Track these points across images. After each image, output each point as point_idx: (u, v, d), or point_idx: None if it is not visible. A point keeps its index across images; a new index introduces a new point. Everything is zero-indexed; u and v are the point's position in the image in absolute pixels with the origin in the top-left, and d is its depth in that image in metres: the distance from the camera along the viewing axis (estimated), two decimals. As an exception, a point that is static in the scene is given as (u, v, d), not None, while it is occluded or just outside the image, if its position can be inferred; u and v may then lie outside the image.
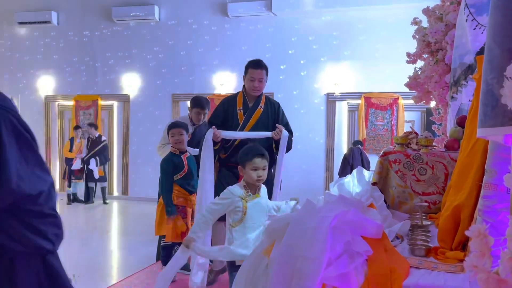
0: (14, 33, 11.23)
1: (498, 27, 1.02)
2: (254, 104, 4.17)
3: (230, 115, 4.16)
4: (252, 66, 4.11)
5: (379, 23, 8.80)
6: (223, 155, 4.19)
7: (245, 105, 4.17)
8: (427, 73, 4.05)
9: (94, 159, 9.63)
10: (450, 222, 1.87)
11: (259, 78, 4.08)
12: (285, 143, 4.02)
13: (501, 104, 0.98)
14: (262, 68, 4.10)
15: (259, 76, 4.08)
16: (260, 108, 4.17)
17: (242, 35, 9.63)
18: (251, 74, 4.09)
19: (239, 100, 4.20)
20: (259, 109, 4.16)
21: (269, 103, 4.25)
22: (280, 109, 4.30)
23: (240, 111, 4.15)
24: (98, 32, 10.61)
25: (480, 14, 2.73)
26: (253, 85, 4.08)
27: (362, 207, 2.03)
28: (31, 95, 11.14)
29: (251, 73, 4.09)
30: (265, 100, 4.25)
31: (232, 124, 4.13)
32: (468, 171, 1.91)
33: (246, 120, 4.12)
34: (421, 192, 2.60)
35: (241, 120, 4.13)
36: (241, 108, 4.16)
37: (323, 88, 9.30)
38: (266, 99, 4.28)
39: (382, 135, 9.05)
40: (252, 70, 4.09)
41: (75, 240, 6.59)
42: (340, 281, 1.46)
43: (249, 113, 4.14)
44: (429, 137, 2.78)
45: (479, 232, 0.84)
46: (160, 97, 10.25)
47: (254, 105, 4.16)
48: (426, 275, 1.56)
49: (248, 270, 1.72)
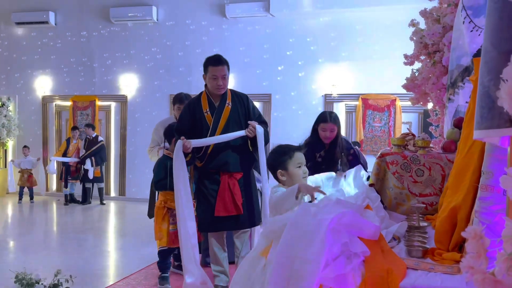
0: (11, 33, 11.21)
1: (495, 29, 1.03)
2: (221, 102, 3.85)
3: (198, 119, 3.85)
4: (212, 63, 3.78)
5: (377, 24, 8.81)
6: (200, 164, 3.92)
7: (211, 106, 3.86)
8: (424, 74, 4.06)
9: (89, 159, 9.62)
10: (447, 224, 1.88)
11: (222, 75, 3.76)
12: (262, 140, 3.78)
13: (497, 106, 0.98)
14: (223, 63, 3.79)
15: (221, 73, 3.76)
16: (228, 106, 3.85)
17: (240, 36, 9.64)
18: (212, 72, 3.76)
19: (203, 102, 3.89)
20: (227, 106, 3.85)
21: (236, 98, 3.92)
22: (249, 102, 3.97)
23: (207, 114, 3.84)
24: (95, 33, 10.60)
25: (477, 16, 2.74)
26: (217, 84, 3.76)
27: (359, 209, 2.04)
28: (28, 96, 11.12)
29: (212, 71, 3.76)
30: (231, 96, 3.92)
31: (202, 128, 3.84)
32: (465, 173, 1.91)
33: (216, 122, 3.82)
34: (418, 193, 2.60)
35: (211, 123, 3.82)
36: (208, 110, 3.85)
37: (321, 89, 9.31)
38: (232, 93, 3.95)
39: (380, 136, 9.06)
40: (213, 68, 3.77)
41: (72, 240, 6.58)
42: (337, 282, 1.46)
43: (217, 113, 3.83)
44: (426, 138, 2.79)
45: (475, 233, 0.84)
46: (158, 98, 10.24)
47: (220, 104, 3.85)
48: (423, 276, 1.57)
49: (246, 271, 1.72)
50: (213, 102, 3.86)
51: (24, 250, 6.06)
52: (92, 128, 9.84)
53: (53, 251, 6.06)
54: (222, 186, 3.82)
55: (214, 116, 3.82)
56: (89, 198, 9.95)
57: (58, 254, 5.92)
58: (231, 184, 3.83)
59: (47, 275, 3.57)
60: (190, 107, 3.92)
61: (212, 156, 3.82)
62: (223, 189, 3.82)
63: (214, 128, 3.81)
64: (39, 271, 3.59)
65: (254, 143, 3.84)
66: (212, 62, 3.79)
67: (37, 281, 3.35)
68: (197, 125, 3.85)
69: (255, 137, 3.79)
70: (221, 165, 3.84)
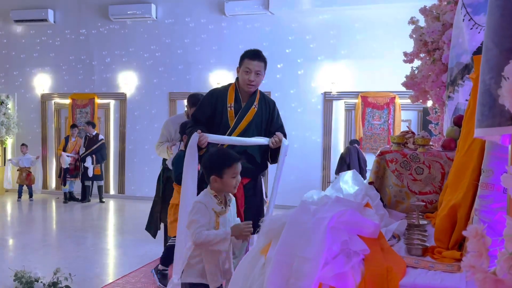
0: (10, 31, 11.19)
1: (496, 27, 1.02)
2: (248, 102, 3.52)
3: (219, 111, 3.50)
4: (249, 56, 3.45)
5: (376, 22, 8.81)
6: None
7: (237, 102, 3.51)
8: (424, 72, 4.06)
9: (90, 157, 9.61)
10: (447, 222, 1.87)
11: (256, 71, 3.43)
12: (285, 154, 3.47)
13: (498, 104, 0.98)
14: (260, 59, 3.47)
15: (256, 68, 3.43)
16: (254, 108, 3.52)
17: (239, 34, 9.62)
18: (247, 65, 3.43)
19: (230, 95, 3.53)
20: (253, 108, 3.52)
21: (263, 101, 3.61)
22: (275, 109, 3.69)
23: (231, 109, 3.50)
24: (94, 30, 10.58)
25: (477, 13, 2.73)
26: (248, 79, 3.41)
27: (359, 207, 2.03)
28: (27, 93, 11.11)
29: (247, 64, 3.43)
30: (259, 98, 3.59)
31: (221, 123, 3.50)
32: (465, 171, 1.91)
33: (238, 121, 3.47)
34: (417, 191, 2.60)
35: (231, 121, 3.48)
36: (233, 105, 3.50)
37: (320, 87, 9.31)
38: (261, 96, 3.64)
39: (379, 134, 9.06)
40: (248, 61, 3.43)
41: (71, 238, 6.58)
42: (337, 280, 1.46)
43: (241, 113, 3.49)
44: (426, 136, 2.79)
45: (476, 232, 0.84)
46: (157, 96, 10.23)
47: (248, 103, 3.52)
48: (423, 274, 1.57)
49: (245, 269, 1.72)
50: (240, 98, 3.51)
51: (23, 248, 6.05)
52: (92, 126, 9.82)
53: (52, 249, 6.06)
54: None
55: (238, 115, 3.47)
56: (89, 196, 9.95)
57: (57, 252, 5.91)
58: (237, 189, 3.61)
59: (46, 273, 3.57)
60: (214, 96, 3.56)
61: None
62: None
63: (235, 127, 3.45)
64: (38, 269, 3.59)
65: (274, 155, 3.54)
66: (249, 55, 3.46)
67: (36, 280, 3.35)
68: (215, 118, 3.51)
69: (277, 149, 3.47)
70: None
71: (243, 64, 3.46)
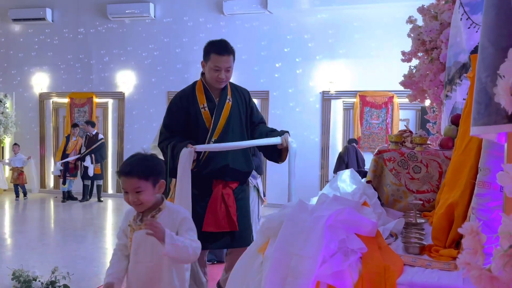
0: (8, 30, 11.17)
1: (492, 26, 1.03)
2: (221, 97, 3.17)
3: (193, 115, 3.16)
4: (217, 51, 3.07)
5: (375, 21, 8.81)
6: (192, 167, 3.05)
7: (210, 100, 3.15)
8: (422, 71, 4.06)
9: (89, 156, 9.60)
10: (444, 220, 1.88)
11: (226, 67, 3.07)
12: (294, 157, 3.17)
13: (494, 103, 0.98)
14: (229, 53, 3.10)
15: (226, 64, 3.06)
16: (229, 101, 3.18)
17: (237, 33, 9.62)
18: (215, 62, 3.05)
19: (199, 95, 3.17)
20: (227, 103, 3.18)
21: (236, 93, 3.27)
22: (251, 100, 3.34)
23: (205, 110, 3.13)
24: (93, 29, 10.57)
25: (474, 13, 2.73)
26: (219, 77, 3.06)
27: (357, 205, 2.04)
28: (25, 92, 11.10)
29: (216, 61, 3.05)
30: (231, 89, 3.25)
31: (198, 127, 3.15)
32: (462, 169, 1.91)
33: (216, 121, 3.13)
34: (415, 190, 2.60)
35: (209, 122, 3.12)
36: (205, 105, 3.14)
37: (318, 86, 9.31)
38: (232, 87, 3.29)
39: (377, 133, 9.07)
40: (216, 57, 3.05)
41: (69, 237, 6.57)
42: (335, 278, 1.46)
43: (217, 111, 3.13)
44: (423, 135, 2.79)
45: (472, 229, 0.85)
46: (155, 95, 10.22)
47: (221, 99, 3.17)
48: (420, 272, 1.57)
49: (243, 267, 1.72)
50: (212, 96, 3.17)
51: (21, 247, 6.05)
52: (91, 125, 9.81)
53: (50, 248, 6.06)
54: (215, 196, 3.13)
55: (214, 114, 3.13)
56: (87, 195, 9.94)
57: (55, 251, 5.91)
58: (226, 194, 3.16)
59: (44, 272, 3.57)
60: (183, 100, 3.20)
61: (209, 159, 3.12)
62: (215, 199, 3.12)
63: (214, 128, 3.13)
64: (36, 269, 3.59)
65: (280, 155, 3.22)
66: (216, 49, 3.08)
67: (34, 278, 3.35)
68: (190, 124, 3.17)
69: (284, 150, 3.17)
70: (218, 171, 3.14)
71: (210, 60, 3.09)
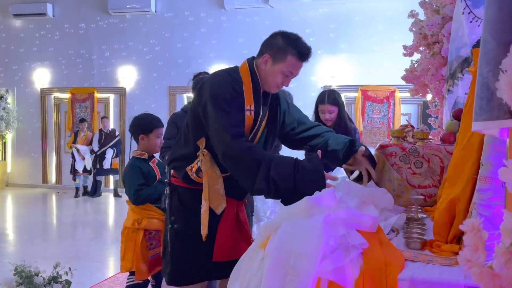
0: (9, 25, 11.16)
1: (494, 20, 1.02)
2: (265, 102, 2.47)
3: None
4: (299, 56, 2.38)
5: (376, 15, 8.78)
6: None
7: (257, 103, 2.39)
8: (423, 66, 4.05)
9: (112, 149, 9.59)
10: (446, 215, 1.87)
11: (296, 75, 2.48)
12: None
13: (496, 98, 0.97)
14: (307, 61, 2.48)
15: (297, 71, 2.45)
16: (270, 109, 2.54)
17: (238, 28, 9.60)
18: (291, 68, 2.38)
19: (247, 93, 2.36)
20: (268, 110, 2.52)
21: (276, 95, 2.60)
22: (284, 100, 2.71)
23: (250, 114, 2.36)
24: (94, 25, 10.55)
25: (476, 6, 2.72)
26: (283, 84, 2.44)
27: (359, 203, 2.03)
28: (26, 88, 11.10)
29: (292, 66, 2.38)
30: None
31: None
32: (464, 164, 1.90)
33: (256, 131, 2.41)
34: (417, 185, 2.60)
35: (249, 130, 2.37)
36: (252, 107, 2.36)
37: (320, 81, 9.29)
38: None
39: (379, 128, 9.06)
40: (295, 62, 2.38)
41: (72, 232, 6.59)
42: (336, 274, 1.46)
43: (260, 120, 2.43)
44: (425, 130, 2.78)
45: (473, 226, 0.84)
46: (157, 90, 10.22)
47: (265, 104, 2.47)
48: (421, 268, 1.57)
49: (245, 263, 1.72)
50: (260, 98, 2.42)
51: (23, 242, 6.07)
52: (108, 120, 9.90)
53: (53, 244, 6.07)
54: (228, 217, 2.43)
55: (258, 121, 2.40)
56: (99, 190, 9.92)
57: (58, 246, 5.93)
58: (241, 214, 2.54)
59: (46, 267, 3.57)
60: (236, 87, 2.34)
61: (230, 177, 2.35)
62: (229, 222, 2.44)
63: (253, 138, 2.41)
64: (38, 264, 3.60)
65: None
66: (300, 52, 2.39)
67: (36, 274, 3.36)
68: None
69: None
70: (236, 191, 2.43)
71: (284, 61, 2.37)
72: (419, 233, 1.88)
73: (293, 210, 1.73)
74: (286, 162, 2.14)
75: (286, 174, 2.08)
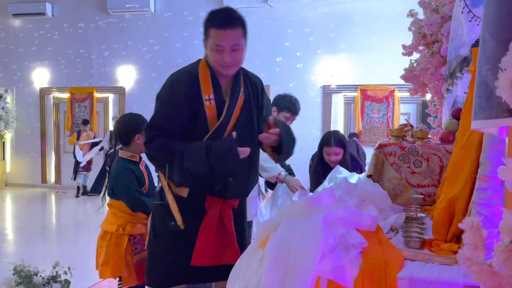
0: (8, 25, 11.15)
1: (492, 18, 1.02)
2: (233, 87, 2.29)
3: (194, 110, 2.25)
4: (218, 25, 2.14)
5: (376, 15, 8.78)
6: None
7: (217, 90, 2.25)
8: (422, 65, 4.05)
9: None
10: (445, 214, 1.87)
11: (232, 46, 2.15)
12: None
13: (495, 96, 0.97)
14: (234, 24, 2.16)
15: (231, 41, 2.14)
16: (241, 96, 2.30)
17: (238, 27, 9.59)
18: (215, 40, 2.15)
19: (205, 82, 2.24)
20: (241, 97, 2.30)
21: (249, 82, 2.38)
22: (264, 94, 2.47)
23: (210, 103, 2.22)
24: (93, 24, 10.55)
25: (476, 6, 2.72)
26: (222, 60, 2.17)
27: (359, 203, 2.03)
28: (25, 88, 11.09)
29: (216, 38, 2.15)
30: (243, 78, 2.35)
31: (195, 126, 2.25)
32: (463, 163, 1.91)
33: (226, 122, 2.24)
34: (416, 184, 2.60)
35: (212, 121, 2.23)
36: (211, 96, 2.22)
37: (319, 80, 9.29)
38: (244, 74, 2.37)
39: (378, 127, 9.06)
40: (217, 32, 2.15)
41: (71, 232, 6.59)
42: (335, 273, 1.46)
43: (228, 109, 2.24)
44: (424, 129, 2.78)
45: (472, 224, 0.84)
46: (156, 90, 9.86)
47: (233, 89, 2.28)
48: (421, 267, 1.57)
49: (244, 262, 1.72)
50: (219, 85, 2.27)
51: (23, 242, 6.06)
52: None
53: (52, 243, 6.07)
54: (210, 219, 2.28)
55: (224, 113, 2.24)
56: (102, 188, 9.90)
57: (57, 246, 5.92)
58: (225, 216, 2.32)
59: (45, 267, 3.57)
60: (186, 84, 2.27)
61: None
62: (211, 224, 2.28)
63: (223, 129, 2.23)
64: (37, 263, 3.60)
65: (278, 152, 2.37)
66: (216, 22, 2.16)
67: (36, 273, 3.35)
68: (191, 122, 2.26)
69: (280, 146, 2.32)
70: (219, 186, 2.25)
71: (209, 37, 2.20)
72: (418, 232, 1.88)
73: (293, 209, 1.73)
74: (197, 148, 2.13)
75: (199, 160, 2.09)
